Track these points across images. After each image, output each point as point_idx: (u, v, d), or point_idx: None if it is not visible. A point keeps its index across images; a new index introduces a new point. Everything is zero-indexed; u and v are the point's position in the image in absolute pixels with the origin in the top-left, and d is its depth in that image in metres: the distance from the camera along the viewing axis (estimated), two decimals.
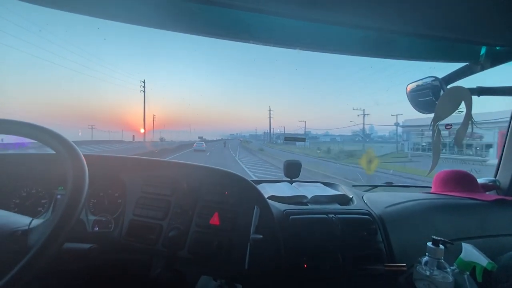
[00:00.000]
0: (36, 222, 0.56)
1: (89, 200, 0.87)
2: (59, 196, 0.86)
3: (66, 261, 0.63)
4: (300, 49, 0.99)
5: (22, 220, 0.56)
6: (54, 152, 0.59)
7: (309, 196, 0.97)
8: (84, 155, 0.61)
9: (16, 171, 0.87)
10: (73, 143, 0.59)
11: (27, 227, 0.54)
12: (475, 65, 1.05)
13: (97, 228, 0.84)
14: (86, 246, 0.65)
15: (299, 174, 1.19)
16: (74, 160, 0.57)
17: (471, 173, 1.09)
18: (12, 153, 0.94)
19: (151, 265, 0.82)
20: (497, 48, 1.00)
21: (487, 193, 1.05)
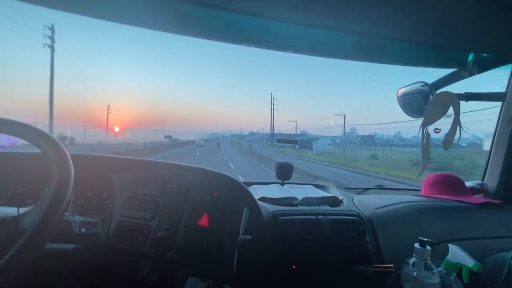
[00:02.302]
0: (23, 209, 0.57)
1: (76, 200, 0.86)
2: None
3: (50, 261, 0.62)
4: (292, 52, 1.00)
5: (9, 210, 0.56)
6: (40, 152, 0.58)
7: (300, 198, 0.97)
8: (72, 155, 0.60)
9: (1, 171, 0.86)
10: (58, 141, 0.58)
11: (16, 214, 0.55)
12: (463, 71, 1.08)
13: (84, 230, 0.83)
14: (70, 246, 0.64)
15: (291, 176, 1.19)
16: (59, 158, 0.57)
17: (460, 176, 1.11)
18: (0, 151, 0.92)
19: (138, 267, 0.81)
20: (484, 54, 1.03)
21: (474, 196, 1.07)
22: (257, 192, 1.01)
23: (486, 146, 1.16)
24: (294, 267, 0.74)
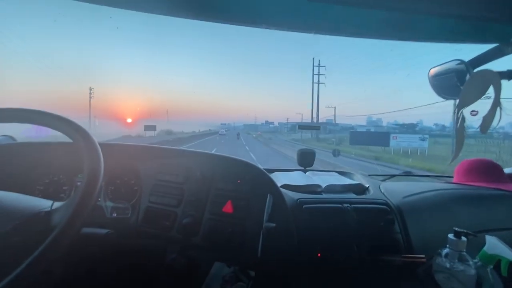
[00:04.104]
0: (57, 204, 0.58)
1: (107, 187, 0.90)
2: (79, 183, 0.90)
3: (84, 245, 0.66)
4: (315, 33, 0.95)
5: (44, 203, 0.58)
6: (71, 141, 0.60)
7: (323, 185, 0.95)
8: (100, 144, 0.62)
9: (40, 159, 0.91)
10: (88, 132, 0.60)
11: (49, 209, 0.56)
12: (506, 46, 0.97)
13: (115, 214, 0.87)
14: (103, 231, 0.67)
15: (313, 163, 1.17)
16: (89, 148, 0.58)
17: (497, 162, 1.03)
18: (37, 141, 0.98)
19: (166, 251, 0.85)
20: None
21: None
22: (280, 179, 1.00)
23: None
24: (319, 255, 0.74)
